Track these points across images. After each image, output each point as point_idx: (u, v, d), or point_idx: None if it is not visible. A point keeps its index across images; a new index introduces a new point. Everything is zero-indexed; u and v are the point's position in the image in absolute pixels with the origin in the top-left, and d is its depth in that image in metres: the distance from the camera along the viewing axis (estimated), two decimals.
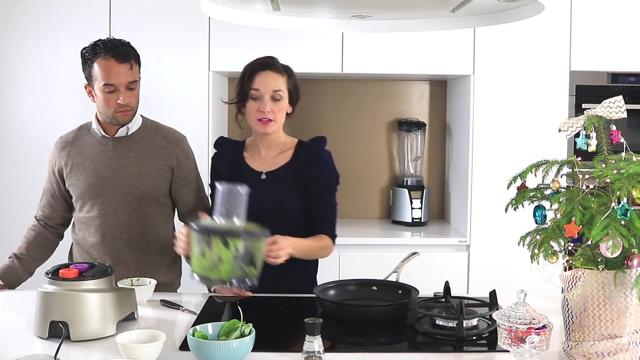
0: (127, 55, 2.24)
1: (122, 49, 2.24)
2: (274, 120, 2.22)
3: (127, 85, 2.25)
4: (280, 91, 2.21)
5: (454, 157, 3.65)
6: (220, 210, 1.79)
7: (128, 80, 2.25)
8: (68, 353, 1.65)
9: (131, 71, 2.25)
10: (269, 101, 2.20)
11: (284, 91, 2.22)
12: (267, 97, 2.20)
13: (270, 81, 2.21)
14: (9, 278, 2.32)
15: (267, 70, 2.22)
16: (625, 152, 1.54)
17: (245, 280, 1.75)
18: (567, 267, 1.57)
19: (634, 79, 3.32)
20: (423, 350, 1.75)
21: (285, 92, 2.23)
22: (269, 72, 2.22)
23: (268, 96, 2.20)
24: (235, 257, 1.71)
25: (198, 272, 1.77)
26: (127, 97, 2.25)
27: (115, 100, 2.24)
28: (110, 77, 2.22)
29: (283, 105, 2.23)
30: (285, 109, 2.25)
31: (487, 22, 2.09)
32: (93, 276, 1.79)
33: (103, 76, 2.22)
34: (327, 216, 2.27)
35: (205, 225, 1.76)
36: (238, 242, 1.72)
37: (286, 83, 2.24)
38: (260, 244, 1.77)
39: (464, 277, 3.32)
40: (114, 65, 2.22)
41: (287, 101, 2.25)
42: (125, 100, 2.25)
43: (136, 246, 2.34)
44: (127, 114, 2.29)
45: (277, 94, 2.21)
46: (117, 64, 2.22)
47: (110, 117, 2.29)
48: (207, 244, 1.72)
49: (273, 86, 2.20)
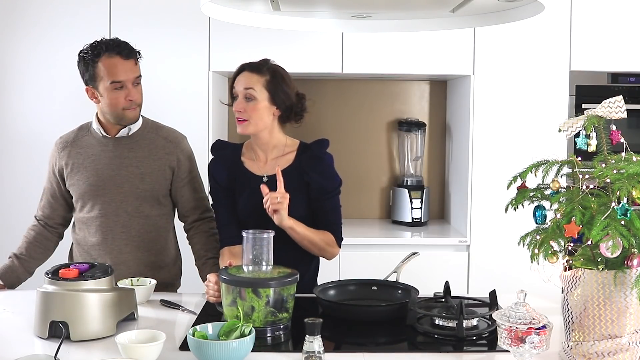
0: (130, 52, 2.27)
1: (125, 46, 2.27)
2: (248, 120, 2.18)
3: (133, 81, 2.27)
4: (251, 89, 2.16)
5: (454, 157, 3.65)
6: (249, 259, 1.83)
7: (135, 76, 2.27)
8: (68, 353, 1.65)
9: (136, 67, 2.29)
10: (241, 100, 2.18)
11: (258, 90, 2.17)
12: (241, 96, 2.18)
13: (244, 80, 2.19)
14: (9, 278, 2.32)
15: (245, 70, 2.20)
16: (625, 152, 1.54)
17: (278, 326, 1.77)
18: (567, 267, 1.57)
19: (634, 79, 3.32)
20: (423, 350, 1.75)
21: (261, 92, 2.17)
22: (246, 72, 2.20)
23: (242, 95, 2.18)
24: (267, 304, 1.75)
25: None
26: (134, 93, 2.28)
27: (124, 97, 2.26)
28: (117, 74, 2.23)
29: (258, 106, 2.17)
30: (264, 109, 2.18)
31: (487, 22, 2.09)
32: (93, 276, 1.79)
33: (110, 74, 2.23)
34: (331, 219, 2.25)
35: (236, 276, 1.79)
36: (269, 290, 1.75)
37: (264, 83, 2.18)
38: (291, 289, 1.80)
39: (464, 277, 3.32)
40: (120, 62, 2.24)
41: (268, 102, 2.18)
42: (134, 95, 2.27)
43: (136, 246, 2.34)
44: (135, 110, 2.31)
45: (249, 92, 2.16)
46: (123, 61, 2.24)
47: (118, 116, 2.30)
48: (238, 294, 1.76)
49: (245, 84, 2.17)
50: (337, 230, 2.26)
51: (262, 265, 1.82)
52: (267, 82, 2.18)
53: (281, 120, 2.25)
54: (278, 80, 2.20)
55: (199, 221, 2.43)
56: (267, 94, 2.18)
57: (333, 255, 2.26)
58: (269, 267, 1.83)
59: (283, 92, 2.20)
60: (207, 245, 2.39)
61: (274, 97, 2.19)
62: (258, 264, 1.82)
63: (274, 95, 2.19)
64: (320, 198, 2.22)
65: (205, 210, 2.45)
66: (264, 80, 2.18)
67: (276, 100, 2.20)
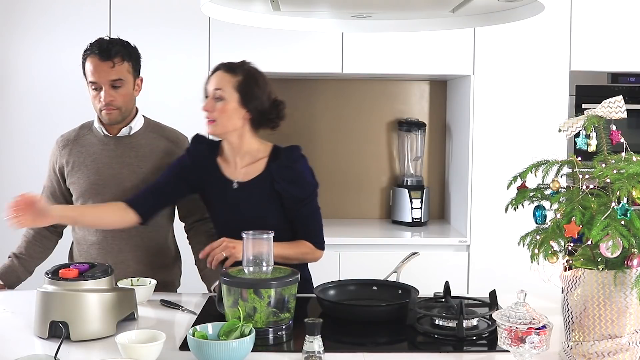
0: (109, 54, 2.23)
1: (107, 47, 2.24)
2: (215, 121, 2.11)
3: (111, 84, 2.25)
4: (220, 90, 2.10)
5: (454, 157, 3.65)
6: (249, 259, 1.83)
7: (110, 79, 2.24)
8: (68, 353, 1.65)
9: (113, 69, 2.24)
10: (210, 100, 2.13)
11: (228, 91, 2.10)
12: (210, 96, 2.13)
13: (215, 80, 2.13)
14: (8, 278, 2.32)
15: (220, 70, 2.14)
16: (625, 152, 1.54)
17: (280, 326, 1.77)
18: (567, 267, 1.57)
19: (634, 79, 3.32)
20: (423, 350, 1.75)
21: (230, 93, 2.10)
22: (219, 72, 2.14)
23: (211, 95, 2.13)
24: (269, 305, 1.75)
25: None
26: (109, 96, 2.25)
27: (100, 99, 2.26)
28: (93, 75, 2.24)
29: (227, 107, 2.10)
30: (232, 111, 2.11)
31: (487, 22, 2.09)
32: (93, 276, 1.79)
33: (88, 74, 2.26)
34: (309, 226, 2.19)
35: (237, 277, 1.79)
36: (270, 291, 1.75)
37: (235, 84, 2.11)
38: (292, 289, 1.80)
39: (464, 277, 3.32)
40: (98, 64, 2.23)
41: (237, 103, 2.11)
42: (107, 98, 2.25)
43: (136, 245, 2.34)
44: (112, 113, 2.28)
45: (218, 92, 2.11)
46: (100, 62, 2.23)
47: (100, 117, 2.32)
48: (240, 295, 1.76)
49: (215, 85, 2.12)
50: (316, 236, 2.20)
51: (262, 266, 1.82)
52: (238, 83, 2.11)
53: (253, 125, 2.17)
54: (251, 82, 2.12)
55: (199, 221, 2.43)
56: (238, 95, 2.11)
57: (315, 260, 2.21)
58: (269, 267, 1.83)
59: (255, 95, 2.12)
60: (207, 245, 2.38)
61: (244, 99, 2.11)
62: (258, 264, 1.82)
63: (245, 97, 2.11)
64: (294, 207, 2.17)
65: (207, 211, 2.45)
66: (235, 81, 2.11)
67: (246, 103, 2.12)
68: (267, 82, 2.17)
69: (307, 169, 2.20)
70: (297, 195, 2.16)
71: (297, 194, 2.16)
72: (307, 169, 2.19)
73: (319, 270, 2.38)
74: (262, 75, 2.18)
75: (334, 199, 3.83)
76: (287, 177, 2.15)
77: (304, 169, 2.18)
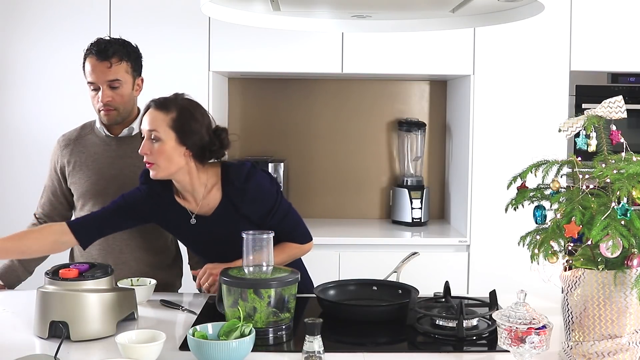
0: (106, 54, 2.23)
1: (105, 47, 2.24)
2: (155, 164, 1.99)
3: (108, 84, 2.24)
4: (154, 131, 1.97)
5: (454, 157, 3.65)
6: (249, 259, 1.83)
7: (107, 79, 2.24)
8: (68, 353, 1.65)
9: (111, 70, 2.23)
10: (146, 142, 2.00)
11: (162, 131, 1.97)
12: (146, 137, 2.00)
13: (148, 119, 2.00)
14: (8, 278, 2.32)
15: (151, 107, 2.01)
16: (625, 152, 1.54)
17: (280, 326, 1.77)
18: (567, 267, 1.57)
19: (634, 79, 3.32)
20: (423, 350, 1.75)
21: (166, 133, 1.97)
22: (151, 110, 2.01)
23: (147, 136, 2.00)
24: (269, 305, 1.75)
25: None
26: (106, 96, 2.25)
27: (98, 99, 2.26)
28: (90, 75, 2.25)
29: (164, 147, 1.97)
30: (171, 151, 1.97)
31: (487, 22, 2.09)
32: (93, 276, 1.79)
33: (87, 74, 2.26)
34: (286, 228, 2.13)
35: (237, 277, 1.79)
36: (270, 291, 1.75)
37: (169, 122, 1.98)
38: (292, 289, 1.80)
39: (464, 277, 3.32)
40: (95, 64, 2.23)
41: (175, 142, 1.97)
42: (104, 98, 2.24)
43: (138, 246, 2.34)
44: (110, 113, 2.28)
45: (152, 133, 1.98)
46: (97, 62, 2.23)
47: (99, 117, 2.32)
48: (240, 295, 1.75)
49: (149, 125, 1.98)
50: (297, 234, 2.16)
51: (262, 266, 1.82)
52: (173, 120, 1.97)
53: (197, 160, 2.04)
54: (185, 117, 1.99)
55: None
56: (174, 134, 1.97)
57: (304, 253, 2.20)
58: (269, 267, 1.83)
59: (192, 131, 1.99)
60: None
61: (181, 137, 1.98)
62: (258, 264, 1.82)
63: (182, 135, 1.98)
64: (265, 221, 2.09)
65: None
66: (169, 119, 1.97)
67: (184, 140, 1.99)
68: (204, 114, 2.05)
69: (262, 178, 2.10)
70: (264, 210, 2.09)
71: (264, 209, 2.09)
72: (262, 179, 2.09)
73: (319, 270, 2.38)
74: (198, 106, 2.06)
75: (334, 199, 3.83)
76: (247, 198, 2.06)
77: (259, 182, 2.07)
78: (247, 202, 2.07)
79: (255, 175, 2.08)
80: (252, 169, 2.09)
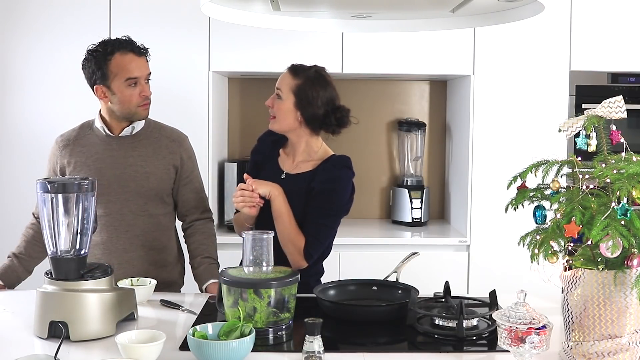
0: (141, 50, 2.30)
1: (136, 44, 2.30)
2: (275, 118, 2.23)
3: (146, 78, 2.31)
4: (279, 90, 2.21)
5: (454, 157, 3.65)
6: (249, 259, 1.83)
7: (147, 73, 2.31)
8: (68, 353, 1.65)
9: (147, 64, 2.32)
10: (273, 96, 2.23)
11: (285, 92, 2.20)
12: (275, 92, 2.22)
13: (280, 79, 2.22)
14: (8, 278, 2.32)
15: (287, 70, 2.23)
16: (625, 152, 1.54)
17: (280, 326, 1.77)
18: (567, 267, 1.57)
19: (634, 79, 3.32)
20: (423, 350, 1.75)
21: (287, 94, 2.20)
22: (285, 72, 2.22)
23: (275, 92, 2.22)
24: (269, 305, 1.75)
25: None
26: (148, 90, 2.32)
27: (139, 93, 2.28)
28: (132, 71, 2.26)
29: (282, 106, 2.19)
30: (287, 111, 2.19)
31: (487, 22, 2.09)
32: (93, 276, 1.79)
33: (125, 71, 2.25)
34: (314, 233, 2.14)
35: (237, 277, 1.79)
36: (270, 291, 1.75)
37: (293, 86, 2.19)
38: (292, 289, 1.80)
39: (464, 277, 3.32)
40: (134, 59, 2.27)
41: (293, 105, 2.19)
42: (149, 91, 2.31)
43: (141, 245, 2.34)
44: (147, 107, 2.34)
45: (278, 91, 2.21)
46: (137, 58, 2.28)
47: (130, 113, 2.31)
48: (240, 295, 1.76)
49: (278, 84, 2.21)
50: (313, 243, 2.14)
51: (262, 266, 1.82)
52: (296, 86, 2.18)
53: (310, 128, 2.23)
54: (307, 87, 2.18)
55: (198, 220, 2.43)
56: (293, 98, 2.19)
57: (295, 263, 2.13)
58: (269, 267, 1.83)
59: (308, 100, 2.18)
60: (204, 244, 2.39)
61: (299, 103, 2.18)
62: (258, 264, 1.82)
63: (300, 101, 2.18)
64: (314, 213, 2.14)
65: (205, 210, 2.45)
66: (294, 84, 2.18)
67: (300, 107, 2.19)
68: (326, 89, 2.21)
69: (349, 180, 2.21)
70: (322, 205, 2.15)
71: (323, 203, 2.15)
72: (348, 181, 2.21)
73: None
74: (325, 82, 2.21)
75: None
76: (325, 183, 2.16)
77: (345, 178, 2.20)
78: (323, 186, 2.16)
79: (347, 173, 2.22)
80: (351, 170, 2.24)
